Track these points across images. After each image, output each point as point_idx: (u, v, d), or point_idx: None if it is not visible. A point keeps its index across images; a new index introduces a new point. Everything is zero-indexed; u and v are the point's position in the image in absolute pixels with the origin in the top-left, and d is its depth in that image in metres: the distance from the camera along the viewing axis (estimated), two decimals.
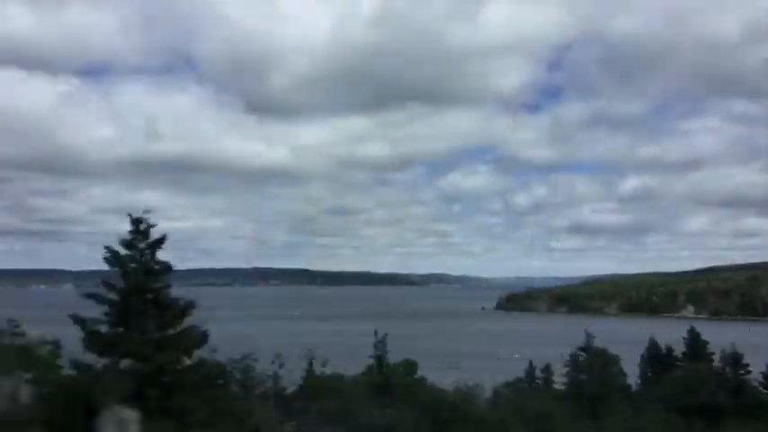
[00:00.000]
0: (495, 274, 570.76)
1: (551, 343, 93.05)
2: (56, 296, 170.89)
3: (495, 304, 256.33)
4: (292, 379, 30.84)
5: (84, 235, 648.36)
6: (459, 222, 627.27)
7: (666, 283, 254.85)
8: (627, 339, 77.15)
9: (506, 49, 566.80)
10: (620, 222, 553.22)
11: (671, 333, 64.32)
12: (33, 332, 21.73)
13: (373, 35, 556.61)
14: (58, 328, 20.85)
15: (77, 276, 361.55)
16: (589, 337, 51.72)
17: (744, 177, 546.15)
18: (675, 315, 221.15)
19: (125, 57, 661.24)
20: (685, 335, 59.43)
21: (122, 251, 18.76)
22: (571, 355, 51.84)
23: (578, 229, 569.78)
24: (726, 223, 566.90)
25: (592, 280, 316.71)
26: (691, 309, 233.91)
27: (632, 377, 57.01)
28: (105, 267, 18.98)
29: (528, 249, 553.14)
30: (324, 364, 34.02)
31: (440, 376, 47.62)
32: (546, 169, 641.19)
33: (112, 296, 18.44)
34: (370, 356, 42.45)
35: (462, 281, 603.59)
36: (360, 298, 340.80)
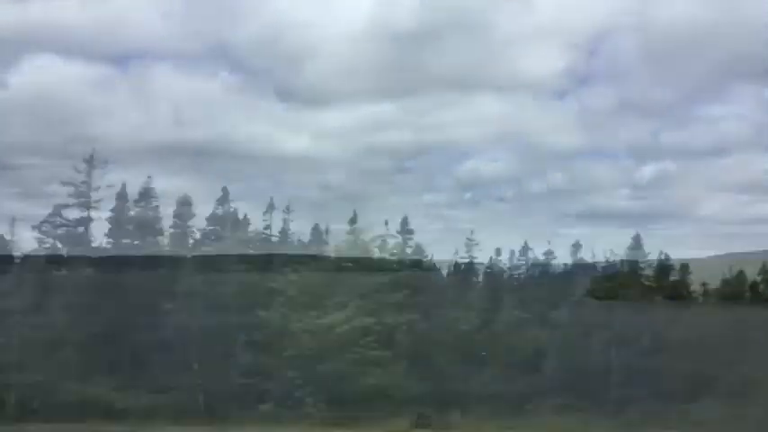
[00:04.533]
0: (504, 261, 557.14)
1: None
2: None
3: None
4: None
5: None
6: (472, 208, 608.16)
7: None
8: None
9: (543, 36, 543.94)
10: (640, 208, 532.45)
11: None
12: None
13: (414, 22, 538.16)
14: None
15: None
16: None
17: None
18: None
19: (160, 43, 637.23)
20: None
21: None
22: None
23: (594, 215, 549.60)
24: (749, 209, 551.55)
25: (608, 266, 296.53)
26: None
27: None
28: None
29: (542, 236, 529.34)
30: None
31: None
32: (570, 156, 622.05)
33: None
34: None
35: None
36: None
